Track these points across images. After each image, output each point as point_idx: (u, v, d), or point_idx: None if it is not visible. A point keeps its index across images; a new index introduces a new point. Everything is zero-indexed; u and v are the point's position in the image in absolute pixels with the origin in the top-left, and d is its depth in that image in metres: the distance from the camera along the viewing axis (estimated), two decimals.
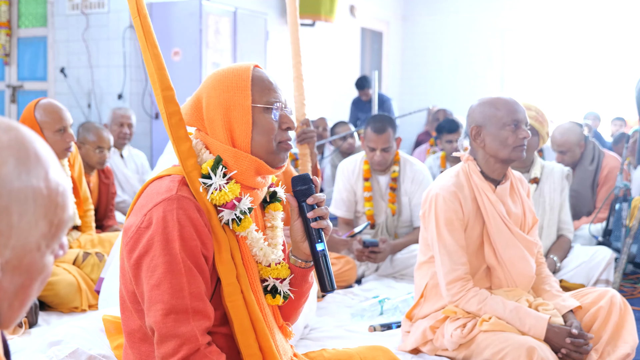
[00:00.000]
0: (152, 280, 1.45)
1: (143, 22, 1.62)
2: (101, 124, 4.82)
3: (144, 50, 1.63)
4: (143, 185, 1.59)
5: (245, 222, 1.56)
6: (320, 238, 1.61)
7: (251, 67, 1.62)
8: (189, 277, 1.45)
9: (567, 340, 2.30)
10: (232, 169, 1.56)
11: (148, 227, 1.47)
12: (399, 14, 10.96)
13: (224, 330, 1.58)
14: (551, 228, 3.61)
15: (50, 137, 3.31)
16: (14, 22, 6.50)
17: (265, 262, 1.63)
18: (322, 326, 3.10)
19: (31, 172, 0.82)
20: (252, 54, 6.66)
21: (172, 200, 1.48)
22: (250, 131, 1.56)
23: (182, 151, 1.57)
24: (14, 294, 0.83)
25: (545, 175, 3.60)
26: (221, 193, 1.53)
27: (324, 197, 1.63)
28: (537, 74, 10.41)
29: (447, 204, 2.46)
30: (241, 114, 1.56)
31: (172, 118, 1.60)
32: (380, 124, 4.00)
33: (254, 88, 1.58)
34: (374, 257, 3.90)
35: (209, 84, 1.61)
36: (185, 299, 1.44)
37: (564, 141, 4.44)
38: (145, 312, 1.48)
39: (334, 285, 1.62)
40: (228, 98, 1.57)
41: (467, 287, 2.45)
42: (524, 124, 2.47)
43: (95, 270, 3.38)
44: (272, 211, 1.71)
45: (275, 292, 1.64)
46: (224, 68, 1.63)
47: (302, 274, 1.68)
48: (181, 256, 1.45)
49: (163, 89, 1.61)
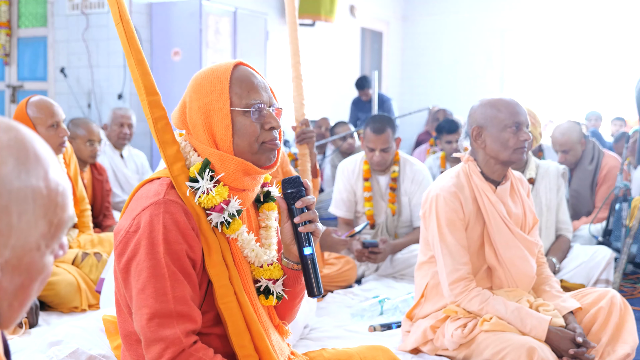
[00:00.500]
0: (138, 285, 1.46)
1: (126, 27, 1.62)
2: (101, 124, 4.83)
3: (127, 56, 1.62)
4: (135, 188, 1.60)
5: (235, 225, 1.56)
6: (308, 242, 1.60)
7: (231, 67, 1.59)
8: (173, 281, 1.46)
9: (571, 351, 2.30)
10: (220, 171, 1.55)
11: (136, 231, 1.48)
12: (399, 14, 10.96)
13: (217, 331, 1.58)
14: (549, 229, 3.60)
15: (43, 132, 3.31)
16: (14, 22, 6.50)
17: (258, 263, 1.63)
18: (322, 326, 3.10)
19: (31, 172, 0.82)
20: (252, 54, 6.66)
21: (159, 204, 1.48)
22: (231, 135, 1.55)
23: (169, 155, 1.57)
24: (13, 294, 0.83)
25: (541, 175, 3.59)
26: (209, 196, 1.53)
27: (314, 199, 1.62)
28: (537, 74, 10.41)
29: (448, 205, 2.46)
30: (221, 118, 1.55)
31: (157, 123, 1.60)
32: (379, 125, 3.99)
33: (233, 90, 1.56)
34: (373, 258, 3.90)
35: (191, 87, 1.61)
36: (169, 303, 1.45)
37: (566, 140, 4.44)
38: (133, 316, 1.50)
39: (321, 289, 1.61)
40: (207, 102, 1.56)
41: (470, 287, 2.44)
42: (525, 126, 2.47)
43: (94, 271, 3.39)
44: (266, 211, 1.71)
45: (269, 292, 1.64)
46: (206, 69, 1.62)
47: (294, 275, 1.68)
48: (165, 260, 1.45)
49: (148, 94, 1.61)
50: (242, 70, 1.60)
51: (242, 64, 1.62)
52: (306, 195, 1.62)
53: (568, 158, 4.46)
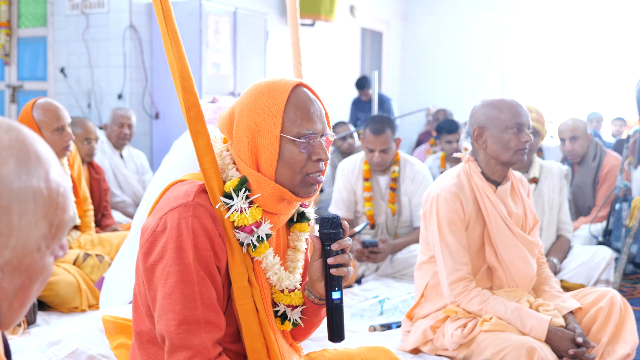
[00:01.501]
0: (165, 289, 1.43)
1: (164, 4, 1.54)
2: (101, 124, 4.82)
3: (164, 36, 1.54)
4: (165, 187, 1.56)
5: (261, 248, 1.51)
6: (338, 286, 1.53)
7: (290, 88, 1.50)
8: (202, 287, 1.42)
9: (571, 351, 2.30)
10: (255, 192, 1.50)
11: (163, 231, 1.44)
12: (399, 14, 10.96)
13: (235, 348, 1.56)
14: (550, 229, 3.61)
15: (48, 136, 3.31)
16: (14, 22, 6.50)
17: (279, 286, 1.58)
18: (322, 326, 3.10)
19: (31, 173, 0.82)
20: (252, 54, 6.66)
21: (188, 207, 1.44)
22: (275, 161, 1.48)
23: (200, 146, 1.52)
24: (13, 294, 0.83)
25: (544, 175, 3.60)
26: (241, 216, 1.48)
27: (350, 242, 1.55)
28: (537, 74, 10.41)
29: (449, 205, 2.46)
30: (268, 142, 1.47)
31: (190, 110, 1.53)
32: (378, 125, 3.99)
33: (287, 116, 1.48)
34: (373, 257, 3.90)
35: (244, 99, 1.53)
36: (197, 310, 1.42)
37: (576, 126, 4.48)
38: (156, 319, 1.46)
39: (342, 336, 1.55)
40: (258, 122, 1.48)
41: (469, 287, 2.44)
42: (526, 127, 2.47)
43: (95, 272, 3.39)
44: (298, 232, 1.65)
45: (285, 318, 1.61)
46: (263, 84, 1.53)
47: (314, 309, 1.64)
48: (194, 266, 1.42)
49: (182, 78, 1.54)
50: (301, 94, 1.52)
51: (302, 85, 1.54)
52: (343, 237, 1.54)
53: (575, 148, 4.48)
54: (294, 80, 1.53)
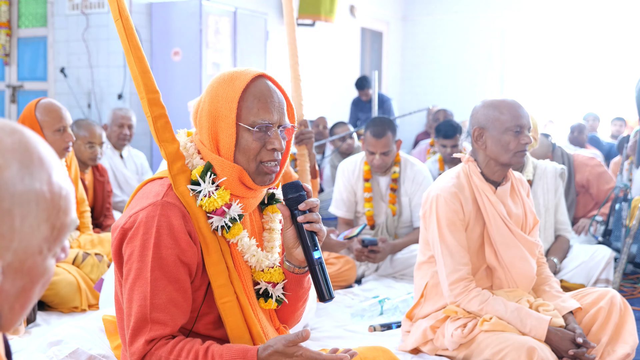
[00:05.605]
0: (127, 285, 1.50)
1: (125, 24, 1.59)
2: (101, 124, 4.82)
3: (127, 54, 1.60)
4: (138, 186, 1.61)
5: (235, 229, 1.55)
6: (315, 245, 1.57)
7: (250, 78, 1.56)
8: (154, 287, 1.46)
9: (571, 351, 2.30)
10: (221, 176, 1.55)
11: (130, 228, 1.49)
12: (399, 14, 10.96)
13: (218, 335, 1.58)
14: (548, 230, 3.59)
15: (49, 136, 3.33)
16: (14, 22, 6.50)
17: (259, 267, 1.62)
18: (322, 326, 3.10)
19: (34, 176, 0.82)
20: (252, 54, 6.66)
21: (156, 205, 1.49)
22: (233, 146, 1.54)
23: (169, 153, 1.57)
24: (15, 296, 0.83)
25: (538, 176, 3.56)
26: (210, 199, 1.53)
27: (317, 202, 1.60)
28: (537, 74, 10.41)
29: (448, 205, 2.46)
30: (226, 127, 1.54)
31: (157, 121, 1.59)
32: (379, 128, 3.98)
33: (244, 104, 1.54)
34: (373, 257, 3.90)
35: (207, 88, 1.60)
36: (146, 309, 1.46)
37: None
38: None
39: (332, 293, 1.58)
40: (217, 108, 1.54)
41: (469, 287, 2.45)
42: (526, 129, 2.47)
43: (95, 271, 3.39)
44: (270, 213, 1.69)
45: (268, 296, 1.63)
46: (227, 73, 1.59)
47: (296, 279, 1.66)
48: (151, 265, 1.46)
49: (148, 92, 1.59)
50: (260, 85, 1.57)
51: (264, 76, 1.59)
52: (307, 199, 1.59)
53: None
54: (256, 71, 1.59)
